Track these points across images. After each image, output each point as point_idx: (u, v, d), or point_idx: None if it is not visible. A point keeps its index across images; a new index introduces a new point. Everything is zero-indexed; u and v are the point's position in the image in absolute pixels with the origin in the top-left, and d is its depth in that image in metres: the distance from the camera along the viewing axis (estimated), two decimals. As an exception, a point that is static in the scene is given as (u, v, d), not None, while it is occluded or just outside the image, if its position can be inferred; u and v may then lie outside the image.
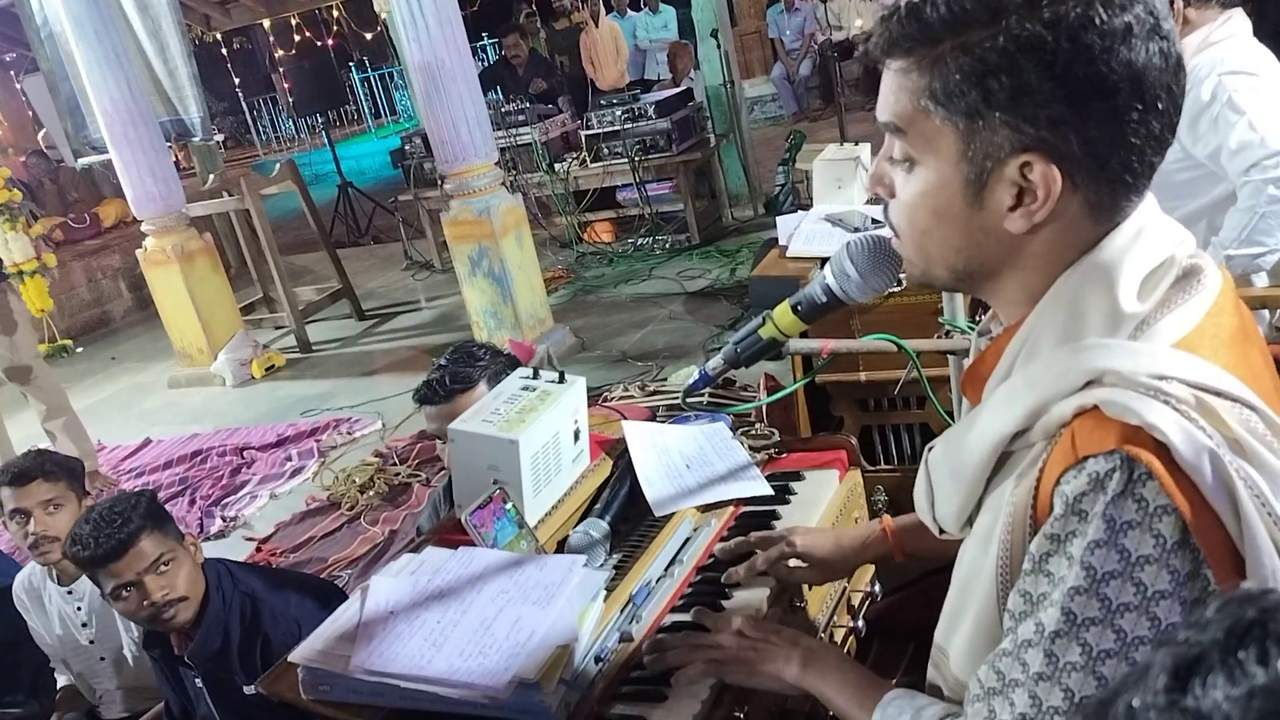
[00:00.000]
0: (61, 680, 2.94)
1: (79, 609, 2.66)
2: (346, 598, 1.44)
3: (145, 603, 2.04)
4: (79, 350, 5.18)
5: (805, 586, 1.55)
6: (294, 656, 1.32)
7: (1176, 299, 0.90)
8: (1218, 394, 0.85)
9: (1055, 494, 0.86)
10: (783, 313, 1.26)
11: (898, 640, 1.67)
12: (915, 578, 1.76)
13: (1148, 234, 0.92)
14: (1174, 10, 2.38)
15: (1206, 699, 0.41)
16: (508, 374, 2.11)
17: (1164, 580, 0.82)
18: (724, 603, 1.46)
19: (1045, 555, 0.87)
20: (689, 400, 1.46)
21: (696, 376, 1.39)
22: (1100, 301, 0.89)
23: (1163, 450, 0.81)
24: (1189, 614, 0.81)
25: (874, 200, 3.10)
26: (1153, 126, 0.87)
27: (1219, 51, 2.37)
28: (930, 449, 1.06)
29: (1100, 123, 0.86)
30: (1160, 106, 0.86)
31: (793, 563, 1.49)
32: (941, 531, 1.06)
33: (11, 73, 11.58)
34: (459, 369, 2.16)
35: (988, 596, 0.94)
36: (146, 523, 2.04)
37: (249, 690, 2.09)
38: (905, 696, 1.07)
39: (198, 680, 2.17)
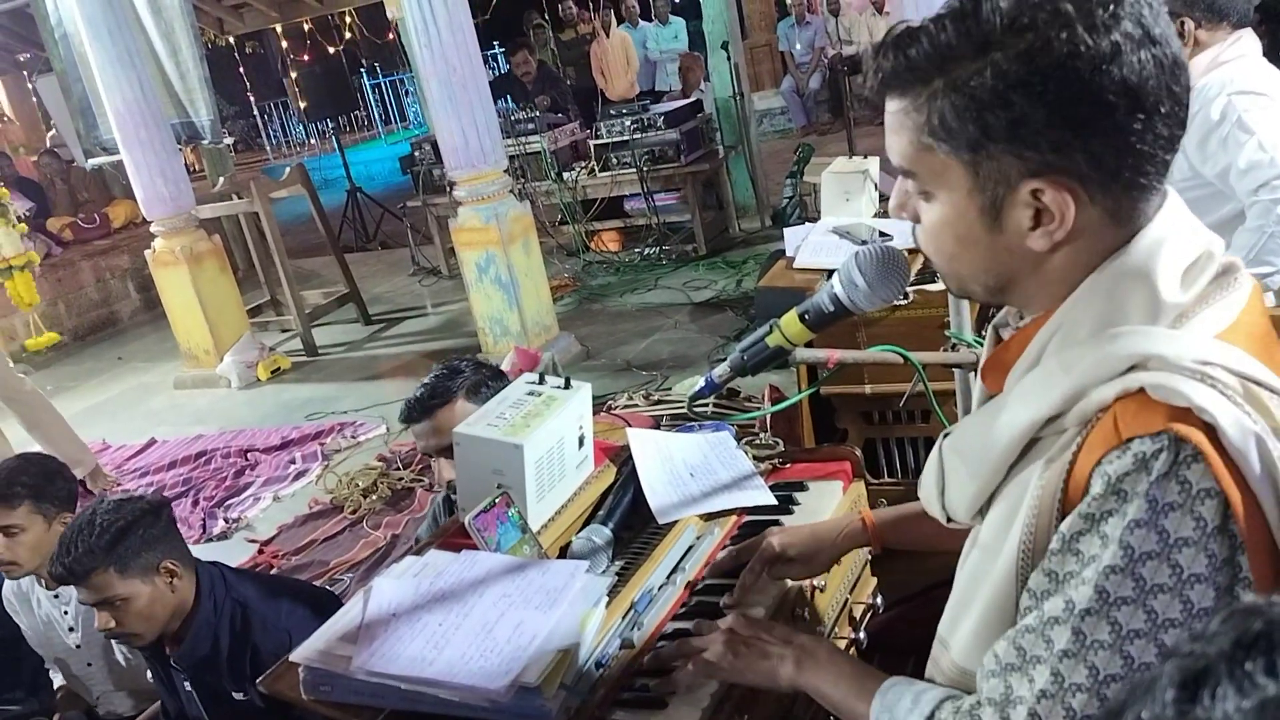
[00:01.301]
0: (57, 681, 2.93)
1: (66, 613, 2.64)
2: (342, 606, 1.44)
3: (101, 627, 2.06)
4: (62, 344, 5.28)
5: (806, 595, 1.55)
6: (295, 656, 1.32)
7: (1215, 294, 0.91)
8: (1260, 384, 0.86)
9: (1095, 474, 0.86)
10: (790, 321, 1.27)
11: (899, 655, 1.66)
12: (917, 591, 1.76)
13: (1180, 229, 0.92)
14: (1184, 32, 2.39)
15: (1216, 710, 0.41)
16: (489, 385, 2.12)
17: (1201, 564, 0.82)
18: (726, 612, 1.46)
19: (1077, 534, 0.86)
20: (695, 406, 1.46)
21: (703, 383, 1.39)
22: (1140, 290, 0.90)
23: (1210, 433, 0.82)
24: (1194, 630, 0.81)
25: (882, 214, 3.11)
26: (1159, 130, 0.87)
27: (1229, 71, 2.38)
28: (945, 437, 1.06)
29: (1103, 137, 0.86)
30: (1164, 110, 0.87)
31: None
32: (949, 520, 1.06)
33: (24, 73, 11.64)
34: (438, 384, 2.16)
35: (1004, 581, 0.94)
36: (99, 565, 1.99)
37: (238, 696, 2.09)
38: (904, 682, 1.07)
39: (186, 683, 2.17)
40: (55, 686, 2.96)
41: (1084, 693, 0.85)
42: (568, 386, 1.70)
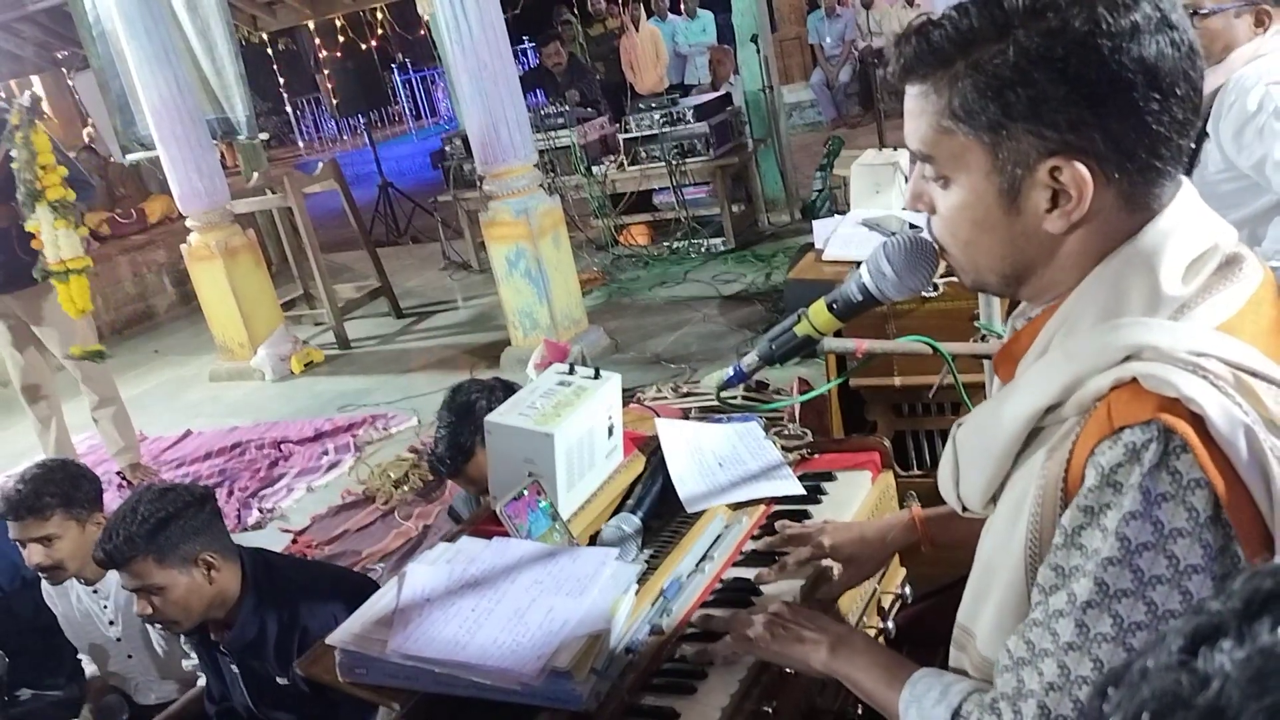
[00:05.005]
0: (90, 670, 2.97)
1: (105, 607, 2.67)
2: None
3: (139, 613, 2.09)
4: (109, 355, 4.99)
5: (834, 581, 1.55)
6: (332, 639, 1.35)
7: (1218, 285, 0.91)
8: (1255, 375, 0.86)
9: (1089, 464, 0.87)
10: (818, 310, 1.27)
11: (927, 647, 1.66)
12: (946, 584, 1.76)
13: (1190, 222, 0.93)
14: (1265, 20, 2.35)
15: (1214, 661, 0.42)
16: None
17: (1196, 554, 0.82)
18: (755, 599, 1.48)
19: (1078, 528, 0.87)
20: (723, 395, 1.47)
21: (732, 372, 1.40)
22: (1142, 283, 0.91)
23: (1198, 423, 0.82)
24: (1218, 588, 0.81)
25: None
26: (1174, 113, 0.88)
27: (1268, 62, 2.35)
28: (959, 426, 1.07)
29: (1121, 117, 0.88)
30: (1179, 93, 0.88)
31: (826, 562, 1.50)
32: (965, 510, 1.07)
33: (63, 69, 11.81)
34: (456, 438, 2.14)
35: (1015, 570, 0.95)
36: (138, 552, 2.01)
37: (282, 682, 2.12)
38: (933, 674, 1.08)
39: (233, 667, 2.20)
40: (89, 676, 3.00)
41: (1089, 686, 0.85)
42: (597, 376, 1.72)
